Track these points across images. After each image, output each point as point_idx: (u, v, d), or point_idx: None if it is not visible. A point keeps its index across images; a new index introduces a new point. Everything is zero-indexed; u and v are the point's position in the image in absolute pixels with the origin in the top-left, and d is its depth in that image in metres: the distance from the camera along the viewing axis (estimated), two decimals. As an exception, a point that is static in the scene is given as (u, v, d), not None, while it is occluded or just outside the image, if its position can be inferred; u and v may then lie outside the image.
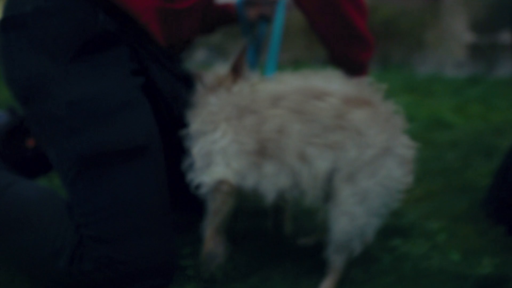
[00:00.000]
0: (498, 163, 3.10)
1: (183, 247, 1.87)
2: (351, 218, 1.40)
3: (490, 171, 2.92)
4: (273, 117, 1.35)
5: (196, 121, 1.47)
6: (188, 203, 2.13)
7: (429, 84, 7.66)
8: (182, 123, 1.67)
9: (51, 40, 1.46)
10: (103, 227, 1.43)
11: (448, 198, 2.47)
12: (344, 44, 1.85)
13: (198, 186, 1.49)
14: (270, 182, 1.37)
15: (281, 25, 1.93)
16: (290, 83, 1.46)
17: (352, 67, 1.84)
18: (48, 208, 1.53)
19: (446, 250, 1.87)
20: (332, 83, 1.46)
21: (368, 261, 1.79)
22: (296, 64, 11.87)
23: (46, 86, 1.45)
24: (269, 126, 1.35)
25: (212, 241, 1.55)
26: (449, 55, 10.93)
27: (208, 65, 2.04)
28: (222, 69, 1.61)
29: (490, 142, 3.61)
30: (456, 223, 2.18)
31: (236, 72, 1.51)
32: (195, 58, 15.15)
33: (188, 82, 1.71)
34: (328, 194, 1.42)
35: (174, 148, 1.80)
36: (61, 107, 1.44)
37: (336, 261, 1.52)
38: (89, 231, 1.43)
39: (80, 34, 1.46)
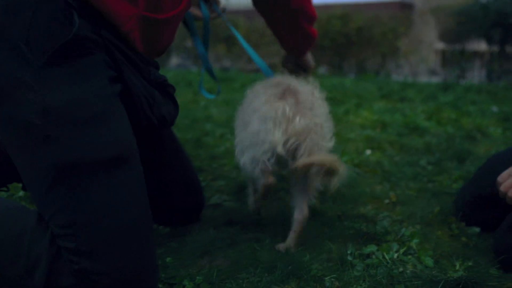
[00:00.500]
0: (470, 167, 3.17)
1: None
2: None
3: (462, 176, 2.97)
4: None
5: None
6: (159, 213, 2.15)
7: (403, 90, 7.79)
8: (159, 129, 1.65)
9: (23, 41, 1.36)
10: (82, 239, 1.37)
11: (421, 203, 2.50)
12: (296, 41, 2.31)
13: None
14: None
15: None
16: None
17: (298, 54, 2.42)
18: (15, 221, 1.46)
19: (420, 255, 1.89)
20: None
21: (342, 268, 1.79)
22: (271, 69, 11.81)
23: (17, 90, 1.36)
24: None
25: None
26: (421, 63, 11.14)
27: (183, 69, 2.03)
28: None
29: (462, 147, 3.68)
30: (429, 228, 2.20)
31: None
32: (170, 63, 15.03)
33: (163, 88, 1.68)
34: None
35: (149, 154, 1.82)
36: (34, 113, 1.35)
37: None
38: (67, 243, 1.37)
39: (55, 37, 1.38)
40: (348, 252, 1.89)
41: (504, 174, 1.89)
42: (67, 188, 1.38)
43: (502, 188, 1.83)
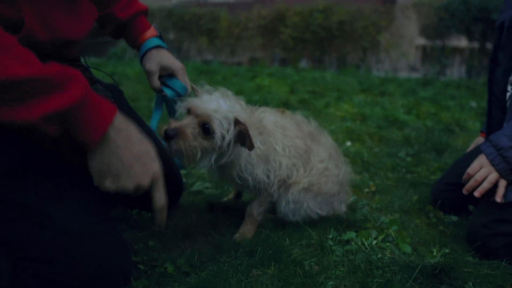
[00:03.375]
0: (448, 159, 3.21)
1: (135, 242, 1.83)
2: None
3: (441, 167, 3.00)
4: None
5: None
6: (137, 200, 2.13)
7: (383, 84, 7.85)
8: None
9: None
10: (39, 246, 1.36)
11: (400, 193, 2.52)
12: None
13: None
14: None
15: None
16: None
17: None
18: None
19: (398, 242, 1.91)
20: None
21: (322, 253, 1.79)
22: (253, 62, 11.82)
23: None
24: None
25: None
26: (402, 58, 11.22)
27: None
28: None
29: (440, 139, 3.72)
30: (407, 216, 2.23)
31: None
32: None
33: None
34: None
35: None
36: None
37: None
38: (26, 252, 1.36)
39: None
40: (330, 236, 1.90)
41: (475, 165, 1.94)
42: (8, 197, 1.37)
43: (469, 185, 1.95)
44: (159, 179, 1.34)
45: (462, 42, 9.82)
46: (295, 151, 1.90)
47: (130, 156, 1.27)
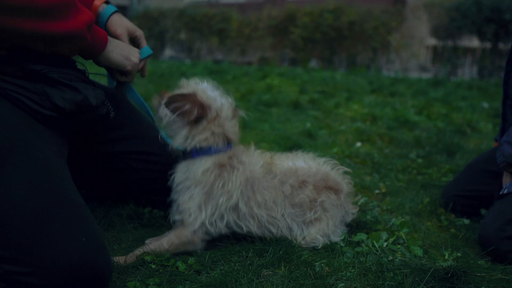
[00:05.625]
0: (460, 161, 3.19)
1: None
2: None
3: (452, 169, 2.98)
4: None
5: None
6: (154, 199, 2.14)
7: (393, 85, 7.82)
8: (80, 115, 1.64)
9: None
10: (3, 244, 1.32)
11: (410, 195, 2.50)
12: None
13: None
14: None
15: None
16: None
17: None
18: None
19: (409, 244, 1.89)
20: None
21: (332, 254, 1.78)
22: (263, 62, 11.83)
23: None
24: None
25: None
26: (412, 58, 11.16)
27: (177, 61, 2.02)
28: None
29: (452, 141, 3.69)
30: (418, 218, 2.21)
31: None
32: (164, 55, 14.93)
33: (47, 80, 1.62)
34: None
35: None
36: None
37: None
38: None
39: None
40: (341, 238, 1.89)
41: None
42: None
43: None
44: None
45: (473, 42, 9.75)
46: (252, 217, 1.80)
47: (119, 50, 1.79)
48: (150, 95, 5.04)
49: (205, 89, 1.80)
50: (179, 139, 1.78)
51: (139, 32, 1.98)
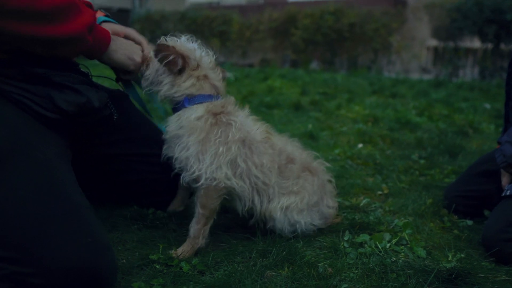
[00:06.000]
0: (462, 162, 3.18)
1: (151, 241, 1.84)
2: None
3: (454, 170, 2.98)
4: None
5: None
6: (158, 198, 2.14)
7: (394, 86, 7.82)
8: (82, 118, 1.65)
9: None
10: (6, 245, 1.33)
11: (413, 196, 2.50)
12: None
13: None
14: None
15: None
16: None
17: None
18: None
19: (412, 245, 1.89)
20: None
21: (335, 255, 1.78)
22: (264, 64, 11.85)
23: None
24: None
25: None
26: (413, 59, 11.17)
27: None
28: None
29: (454, 142, 3.69)
30: (421, 219, 2.21)
31: None
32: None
33: (48, 83, 1.63)
34: None
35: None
36: None
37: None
38: None
39: None
40: (345, 239, 1.89)
41: None
42: None
43: None
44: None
45: (475, 43, 9.75)
46: (248, 177, 1.79)
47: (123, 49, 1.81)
48: (151, 98, 5.05)
49: (183, 42, 1.84)
50: (165, 88, 1.79)
51: (129, 31, 1.95)
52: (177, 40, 1.85)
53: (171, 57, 1.73)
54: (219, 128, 1.74)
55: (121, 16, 19.92)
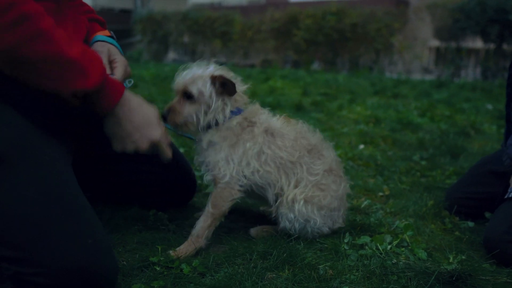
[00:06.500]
0: (464, 163, 3.18)
1: (152, 243, 1.84)
2: None
3: (456, 171, 2.97)
4: None
5: None
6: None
7: (396, 87, 7.81)
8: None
9: None
10: (2, 244, 1.34)
11: (414, 197, 2.50)
12: None
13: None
14: None
15: None
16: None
17: None
18: None
19: (413, 247, 1.88)
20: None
21: (336, 257, 1.78)
22: (266, 65, 11.83)
23: None
24: None
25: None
26: (415, 59, 11.15)
27: (180, 64, 2.02)
28: None
29: (455, 143, 3.68)
30: (422, 221, 2.20)
31: None
32: (168, 58, 14.97)
33: None
34: None
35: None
36: None
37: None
38: (2, 252, 1.34)
39: None
40: (346, 240, 1.89)
41: None
42: None
43: None
44: (160, 142, 1.66)
45: (477, 43, 9.74)
46: (273, 160, 1.87)
47: (131, 127, 1.60)
48: (153, 98, 5.06)
49: (224, 70, 1.91)
50: (218, 111, 1.85)
51: (121, 57, 1.88)
52: (214, 67, 1.90)
53: (228, 83, 1.81)
54: (247, 130, 1.87)
55: (123, 16, 19.95)
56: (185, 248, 1.76)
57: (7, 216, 1.36)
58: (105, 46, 1.86)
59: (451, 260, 1.80)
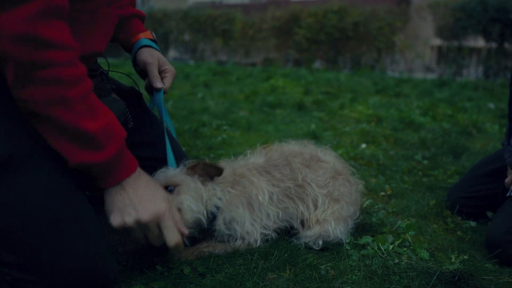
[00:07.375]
0: (466, 163, 3.17)
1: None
2: None
3: (458, 171, 2.96)
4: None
5: None
6: None
7: (398, 85, 7.79)
8: None
9: None
10: (5, 250, 1.33)
11: (416, 197, 2.49)
12: None
13: None
14: None
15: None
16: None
17: None
18: None
19: (415, 247, 1.88)
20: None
21: (338, 257, 1.77)
22: (267, 63, 11.81)
23: None
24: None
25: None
26: (417, 58, 11.14)
27: (181, 62, 2.00)
28: None
29: (458, 142, 3.67)
30: (424, 221, 2.20)
31: None
32: (168, 56, 14.95)
33: None
34: None
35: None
36: None
37: None
38: (2, 257, 1.33)
39: None
40: (347, 241, 1.88)
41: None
42: None
43: None
44: (165, 219, 1.47)
45: (479, 42, 9.72)
46: (284, 194, 1.84)
47: (134, 195, 1.47)
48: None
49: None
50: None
51: (171, 67, 1.89)
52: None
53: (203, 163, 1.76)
54: (243, 186, 1.82)
55: (124, 15, 19.92)
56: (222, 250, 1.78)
57: (11, 219, 1.34)
58: (154, 55, 1.85)
59: (453, 260, 1.79)
